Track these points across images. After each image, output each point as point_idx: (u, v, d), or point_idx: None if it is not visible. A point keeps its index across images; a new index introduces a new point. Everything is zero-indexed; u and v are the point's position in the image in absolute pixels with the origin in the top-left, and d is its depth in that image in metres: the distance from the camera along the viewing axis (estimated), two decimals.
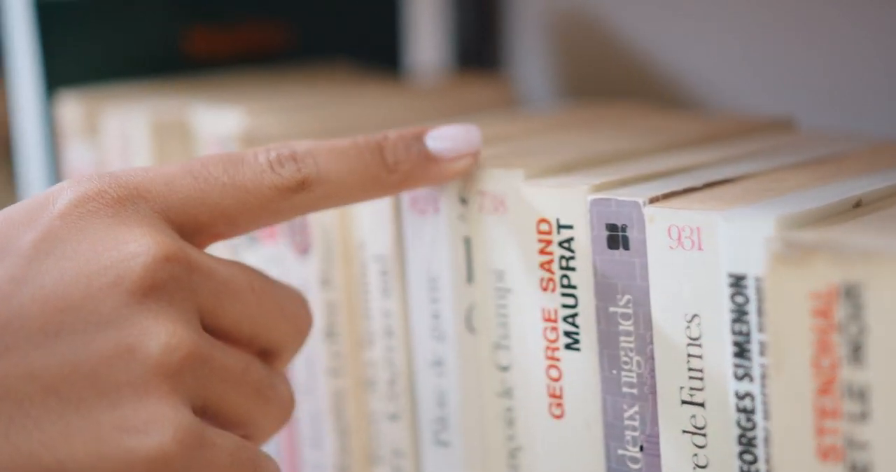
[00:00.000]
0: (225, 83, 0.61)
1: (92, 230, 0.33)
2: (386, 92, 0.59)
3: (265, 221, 0.37)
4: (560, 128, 0.48)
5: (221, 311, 0.35)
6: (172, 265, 0.33)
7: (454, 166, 0.39)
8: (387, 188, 0.38)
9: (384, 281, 0.44)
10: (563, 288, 0.39)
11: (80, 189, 0.34)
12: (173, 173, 0.36)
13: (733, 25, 0.61)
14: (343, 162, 0.38)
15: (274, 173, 0.37)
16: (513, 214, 0.40)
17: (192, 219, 0.36)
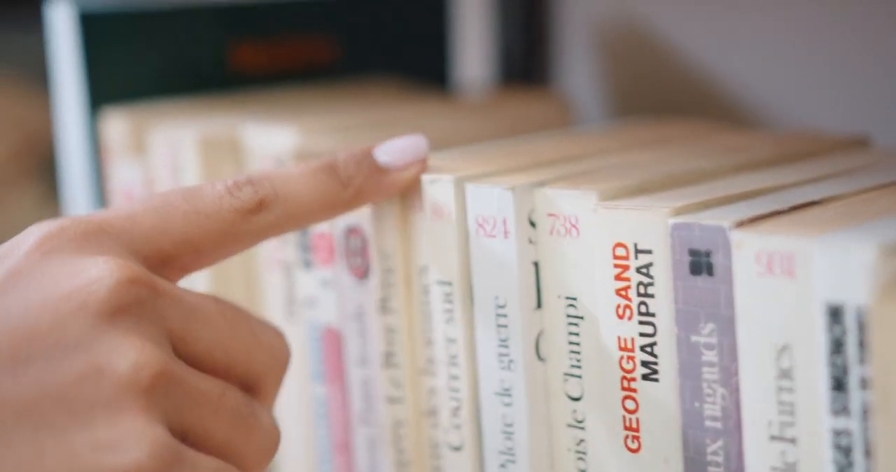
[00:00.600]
0: (273, 99, 0.59)
1: (56, 263, 0.34)
2: (437, 109, 0.57)
3: (230, 248, 0.38)
4: (628, 146, 0.46)
5: (192, 337, 0.35)
6: (137, 288, 0.34)
7: (404, 176, 0.41)
8: (343, 204, 0.40)
9: (449, 307, 0.42)
10: (641, 316, 0.37)
11: (43, 229, 0.35)
12: (135, 209, 0.37)
13: (796, 37, 0.59)
14: (298, 182, 0.39)
15: (232, 197, 0.38)
16: (586, 238, 0.38)
17: (156, 250, 0.37)
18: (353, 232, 0.45)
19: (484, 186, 0.40)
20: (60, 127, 0.58)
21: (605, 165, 0.43)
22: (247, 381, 0.37)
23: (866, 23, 0.57)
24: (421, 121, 0.54)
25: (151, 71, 0.59)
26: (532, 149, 0.46)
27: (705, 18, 0.63)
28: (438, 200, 0.41)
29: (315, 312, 0.47)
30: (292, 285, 0.48)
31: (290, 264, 0.48)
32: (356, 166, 0.41)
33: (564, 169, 0.42)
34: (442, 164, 0.43)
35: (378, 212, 0.43)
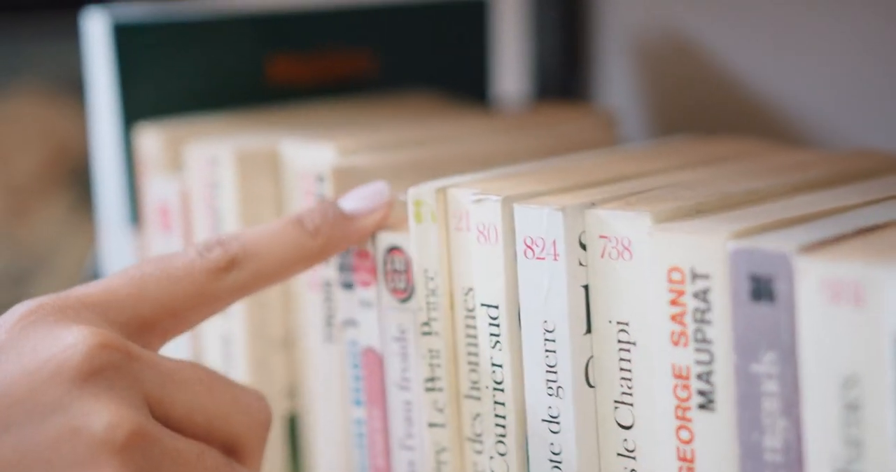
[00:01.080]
0: (311, 113, 0.58)
1: (33, 336, 0.36)
2: (477, 124, 0.56)
3: (206, 308, 0.40)
4: (678, 166, 0.45)
5: (169, 400, 0.37)
6: (110, 352, 0.36)
7: (369, 221, 0.43)
8: (313, 255, 0.42)
9: (495, 330, 0.41)
10: (697, 343, 0.36)
11: (24, 307, 0.37)
12: (111, 281, 0.39)
13: (847, 50, 0.57)
14: (266, 238, 0.41)
15: (202, 258, 0.40)
16: (640, 261, 0.37)
17: (134, 317, 0.38)
18: (395, 252, 0.44)
19: (532, 206, 0.39)
20: (95, 140, 0.58)
21: (656, 185, 0.41)
22: (227, 443, 0.38)
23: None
24: (461, 137, 0.52)
25: (187, 83, 0.58)
26: (579, 167, 0.45)
27: (750, 30, 0.61)
28: (485, 221, 0.40)
29: (355, 333, 0.46)
30: (332, 306, 0.47)
31: (330, 284, 0.47)
32: (322, 217, 0.42)
33: (615, 189, 0.41)
34: (488, 183, 0.42)
35: (421, 231, 0.42)
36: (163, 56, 0.57)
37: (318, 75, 0.62)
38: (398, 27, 0.64)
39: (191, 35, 0.58)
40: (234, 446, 0.38)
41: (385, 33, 0.64)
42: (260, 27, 0.60)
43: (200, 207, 0.51)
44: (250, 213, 0.50)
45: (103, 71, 0.56)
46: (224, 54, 0.59)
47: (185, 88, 0.58)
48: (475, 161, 0.50)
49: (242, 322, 0.51)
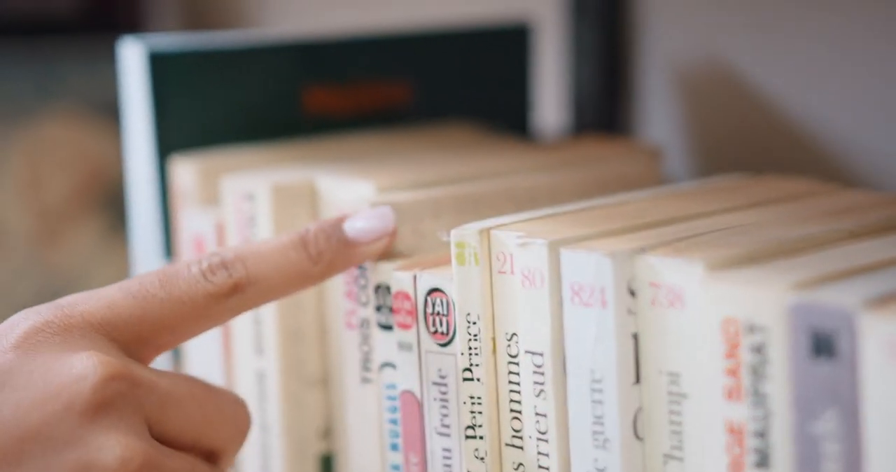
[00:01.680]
0: (349, 145, 0.57)
1: (42, 360, 0.37)
2: (517, 159, 0.54)
3: (205, 327, 0.41)
4: (729, 208, 0.43)
5: (166, 420, 0.39)
6: (118, 383, 0.37)
7: (372, 249, 0.43)
8: (313, 278, 0.42)
9: (539, 378, 0.39)
10: (753, 398, 0.34)
11: (29, 322, 0.38)
12: (114, 296, 0.40)
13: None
14: (270, 261, 0.41)
15: (207, 282, 0.40)
16: (692, 311, 0.36)
17: (135, 336, 0.40)
18: (437, 293, 0.43)
19: (580, 251, 0.38)
20: (130, 170, 0.57)
21: (707, 228, 0.40)
22: (211, 451, 0.40)
23: None
24: (502, 173, 0.51)
25: (223, 113, 0.57)
26: (626, 208, 0.44)
27: (799, 60, 0.60)
28: (530, 265, 0.39)
29: (393, 375, 0.44)
30: (369, 347, 0.46)
31: (368, 324, 0.45)
32: (326, 241, 0.42)
33: (664, 233, 0.39)
34: (532, 224, 0.41)
35: (464, 274, 0.41)
36: (198, 86, 0.56)
37: (355, 106, 0.61)
38: (436, 56, 0.63)
39: (227, 65, 0.57)
40: (215, 453, 0.40)
41: (423, 62, 0.63)
42: (296, 57, 0.59)
43: (235, 242, 0.50)
44: None
45: (138, 100, 0.55)
46: (261, 84, 0.58)
47: (220, 118, 0.57)
48: (517, 198, 0.49)
49: (277, 360, 0.50)
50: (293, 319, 0.49)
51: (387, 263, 0.44)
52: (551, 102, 0.72)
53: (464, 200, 0.48)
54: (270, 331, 0.49)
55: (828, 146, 0.59)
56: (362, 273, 0.46)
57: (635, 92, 0.69)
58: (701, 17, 0.65)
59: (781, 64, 0.61)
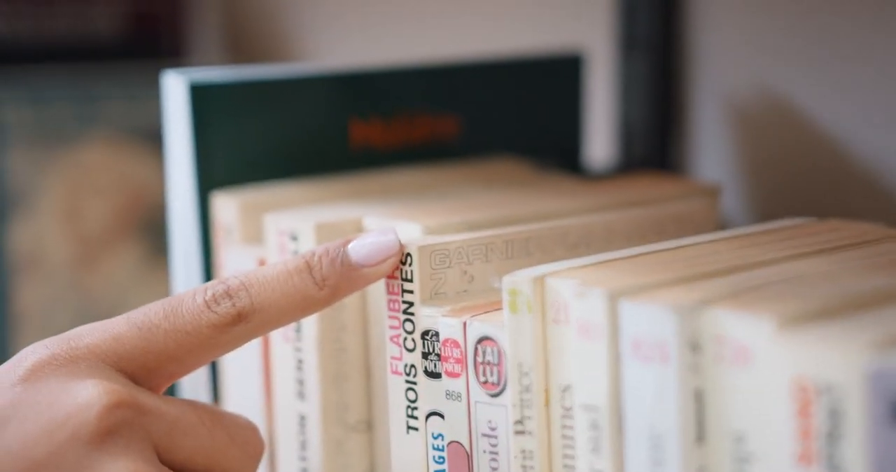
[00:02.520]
0: (394, 181, 0.56)
1: (47, 390, 0.38)
2: (571, 197, 0.52)
3: (211, 356, 0.41)
4: (796, 255, 0.41)
5: (175, 447, 0.39)
6: (123, 411, 0.37)
7: (377, 272, 0.42)
8: (319, 304, 0.42)
9: (595, 435, 0.37)
10: (827, 464, 0.32)
11: (36, 356, 0.39)
12: (119, 328, 0.40)
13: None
14: (275, 288, 0.41)
15: (211, 312, 0.40)
16: (761, 369, 0.34)
17: (141, 366, 0.40)
18: (487, 342, 0.41)
19: (642, 303, 0.36)
20: (171, 203, 0.55)
21: (774, 278, 0.38)
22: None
23: None
24: (554, 213, 0.49)
25: (267, 146, 0.56)
26: (686, 254, 0.42)
27: (862, 96, 0.58)
28: (587, 316, 0.37)
29: (440, 425, 0.43)
30: (416, 394, 0.44)
31: (414, 370, 0.44)
32: (330, 266, 0.42)
33: (729, 284, 0.38)
34: (589, 272, 0.39)
35: (516, 323, 0.39)
36: (242, 118, 0.55)
37: (402, 139, 0.59)
38: (485, 88, 0.62)
39: (271, 97, 0.56)
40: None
41: (471, 95, 0.61)
42: (343, 89, 0.57)
43: None
44: None
45: (180, 132, 0.54)
46: (306, 117, 0.57)
47: (264, 152, 0.56)
48: (570, 240, 0.47)
49: (319, 403, 0.48)
50: (336, 362, 0.48)
51: (435, 307, 0.43)
52: (600, 136, 0.70)
53: (514, 242, 0.46)
54: (312, 374, 0.48)
55: (893, 183, 0.57)
56: (409, 318, 0.44)
57: (687, 126, 0.67)
58: (757, 48, 0.63)
59: (843, 97, 0.59)
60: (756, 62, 0.63)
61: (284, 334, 0.49)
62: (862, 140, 0.58)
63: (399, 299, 0.44)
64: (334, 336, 0.48)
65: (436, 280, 0.44)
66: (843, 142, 0.59)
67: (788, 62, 0.61)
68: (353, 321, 0.48)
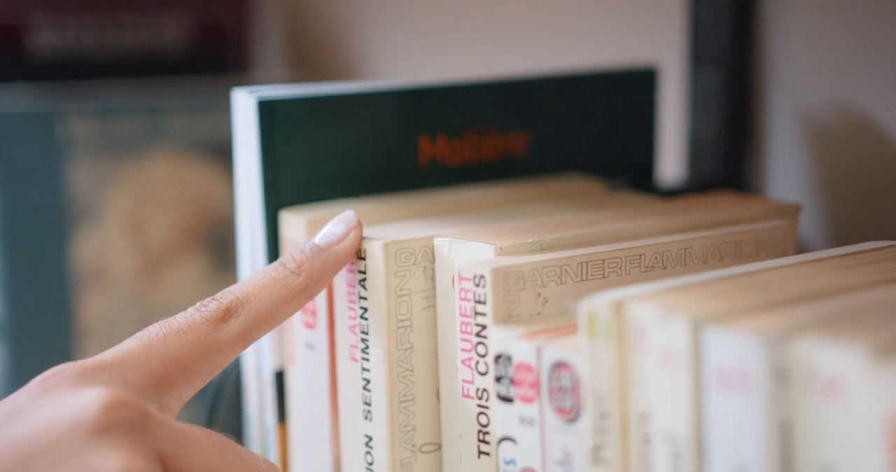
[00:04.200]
0: (463, 199, 0.55)
1: (52, 398, 0.39)
2: (646, 217, 0.51)
3: (213, 358, 0.43)
4: (883, 281, 0.40)
5: (182, 460, 0.39)
6: (126, 410, 0.38)
7: (343, 247, 0.46)
8: (301, 290, 0.45)
9: (675, 465, 0.36)
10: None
11: (44, 374, 0.40)
12: (122, 345, 0.42)
13: None
14: (255, 283, 0.45)
15: (201, 311, 0.43)
16: (852, 402, 0.33)
17: (147, 373, 0.41)
18: (562, 367, 0.40)
19: (727, 331, 0.35)
20: (239, 220, 0.55)
21: (863, 306, 0.37)
22: None
23: None
24: (628, 233, 0.48)
25: (335, 163, 0.55)
26: (769, 278, 0.41)
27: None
28: (669, 343, 0.36)
29: (513, 451, 0.42)
30: (488, 419, 0.43)
31: (486, 394, 0.43)
32: (300, 253, 0.46)
33: (817, 310, 0.36)
34: (669, 296, 0.38)
35: (594, 348, 0.38)
36: (310, 135, 0.54)
37: (471, 156, 0.58)
38: (555, 104, 0.60)
39: (340, 113, 0.55)
40: None
41: (541, 111, 0.60)
42: (412, 105, 0.57)
43: (343, 302, 0.48)
44: (398, 308, 0.47)
45: (248, 149, 0.54)
46: (375, 134, 0.56)
47: (332, 169, 0.55)
48: (646, 262, 0.46)
49: (385, 424, 0.47)
50: (403, 384, 0.47)
51: (508, 330, 0.42)
52: (671, 152, 0.69)
53: (589, 264, 0.45)
54: (379, 396, 0.47)
55: None
56: (481, 341, 0.43)
57: (760, 143, 0.66)
58: (833, 62, 0.61)
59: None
60: (832, 76, 0.62)
61: (351, 354, 0.48)
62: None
63: (472, 321, 0.44)
64: (402, 356, 0.47)
65: (509, 302, 0.43)
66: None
67: (866, 76, 0.60)
68: (421, 342, 0.47)
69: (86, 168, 0.89)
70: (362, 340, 0.48)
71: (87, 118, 0.90)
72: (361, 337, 0.48)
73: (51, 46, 0.95)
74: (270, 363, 0.53)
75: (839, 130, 0.62)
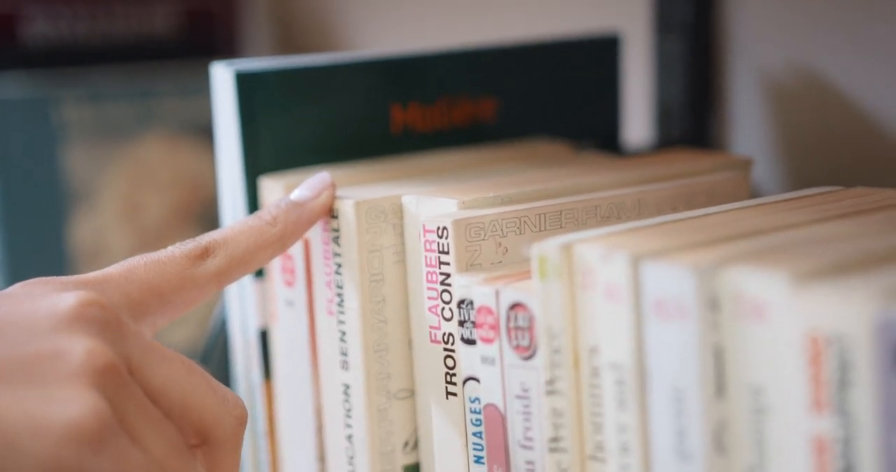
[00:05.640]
0: (433, 162, 0.58)
1: (31, 297, 0.40)
2: (604, 173, 0.54)
3: (188, 292, 0.45)
4: (817, 220, 0.43)
5: (148, 369, 0.40)
6: (101, 310, 0.40)
7: (318, 202, 0.49)
8: (275, 239, 0.48)
9: (620, 391, 0.39)
10: (838, 412, 0.34)
11: (26, 281, 0.42)
12: (105, 269, 0.44)
13: None
14: (233, 228, 0.48)
15: (181, 248, 0.46)
16: (776, 324, 0.35)
17: (125, 296, 0.43)
18: (519, 308, 0.43)
19: (662, 264, 0.37)
20: (221, 190, 0.58)
21: (793, 240, 0.40)
22: (200, 429, 0.41)
23: None
24: (586, 188, 0.51)
25: (311, 131, 0.58)
26: (710, 221, 0.43)
27: (893, 69, 0.59)
28: (612, 279, 0.39)
29: (477, 389, 0.45)
30: (454, 361, 0.46)
31: (452, 338, 0.46)
32: (277, 207, 0.49)
33: (747, 245, 0.39)
34: (615, 239, 0.41)
35: (545, 288, 0.41)
36: (286, 105, 0.57)
37: (442, 123, 0.61)
38: (523, 71, 0.63)
39: (314, 83, 0.58)
40: (206, 434, 0.41)
41: (509, 78, 0.63)
42: (383, 74, 0.59)
43: (319, 259, 0.51)
44: (371, 263, 0.50)
45: (228, 120, 0.57)
46: (348, 103, 0.59)
47: (309, 137, 0.58)
48: (602, 213, 0.49)
49: (362, 373, 0.50)
50: (377, 334, 0.50)
51: (469, 277, 0.45)
52: (638, 117, 0.72)
53: (547, 216, 0.48)
54: (355, 346, 0.50)
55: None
56: (446, 288, 0.46)
57: (723, 104, 0.68)
58: (790, 26, 0.64)
59: (875, 71, 0.60)
60: (789, 39, 0.64)
61: (328, 308, 0.51)
62: (893, 112, 0.59)
63: (437, 270, 0.46)
64: (375, 308, 0.50)
65: (471, 252, 0.46)
66: (876, 115, 0.60)
67: (821, 39, 0.62)
68: (393, 294, 0.50)
69: (81, 152, 0.92)
70: (338, 294, 0.50)
71: (80, 104, 0.93)
72: (337, 292, 0.50)
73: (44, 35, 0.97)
74: (255, 323, 0.56)
75: (796, 90, 0.64)
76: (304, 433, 0.53)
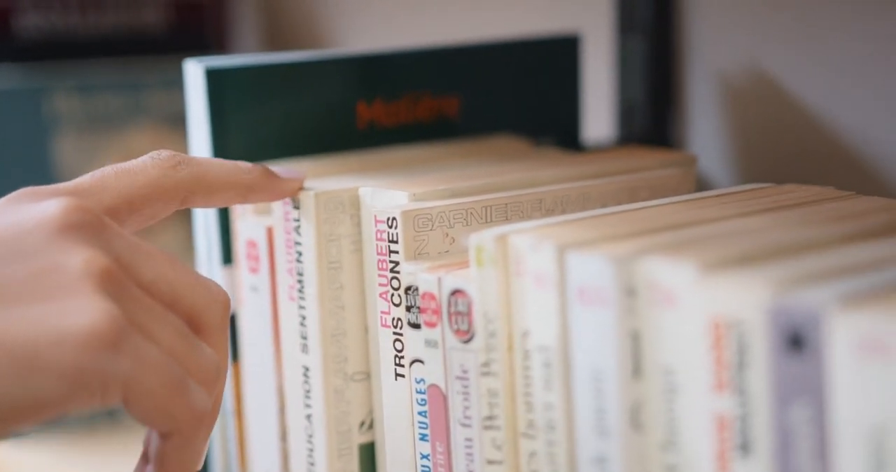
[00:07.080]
0: (395, 157, 0.60)
1: (14, 207, 0.41)
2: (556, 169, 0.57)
3: (157, 203, 0.47)
4: (741, 214, 0.46)
5: (137, 267, 0.41)
6: (85, 214, 0.41)
7: (288, 184, 0.52)
8: (245, 184, 0.50)
9: (547, 373, 0.42)
10: (737, 390, 0.37)
11: (11, 193, 0.43)
12: (80, 178, 0.46)
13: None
14: (210, 159, 0.50)
15: (154, 157, 0.48)
16: (685, 310, 0.38)
17: (98, 202, 0.45)
18: (459, 294, 0.46)
19: (584, 254, 0.40)
20: None
21: (710, 233, 0.42)
22: (190, 316, 0.43)
23: None
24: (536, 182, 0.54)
25: (279, 127, 0.60)
26: (642, 214, 0.46)
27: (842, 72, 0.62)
28: (540, 267, 0.42)
29: (422, 371, 0.48)
30: (402, 344, 0.49)
31: (401, 323, 0.49)
32: (254, 166, 0.51)
33: (668, 238, 0.42)
34: (547, 230, 0.44)
35: (482, 276, 0.44)
36: (255, 100, 0.60)
37: (407, 119, 0.64)
38: (486, 70, 0.66)
39: (283, 80, 0.61)
40: (196, 320, 0.43)
41: (473, 76, 0.65)
42: (350, 72, 0.62)
43: (282, 247, 0.54)
44: (329, 252, 0.52)
45: (198, 115, 0.59)
46: (316, 99, 0.61)
47: (277, 132, 0.60)
48: (546, 206, 0.52)
49: (320, 356, 0.53)
50: (335, 319, 0.53)
51: (416, 265, 0.48)
52: (600, 115, 0.74)
53: (493, 208, 0.51)
54: (314, 330, 0.53)
55: (871, 156, 0.60)
56: (395, 276, 0.49)
57: (683, 104, 0.71)
58: (747, 29, 0.67)
59: (822, 74, 0.63)
60: (745, 43, 0.67)
61: (289, 293, 0.54)
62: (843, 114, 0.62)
63: (387, 258, 0.49)
64: (333, 295, 0.53)
65: (419, 242, 0.49)
66: (822, 115, 0.63)
67: (774, 42, 0.65)
68: (350, 282, 0.53)
69: (71, 142, 0.95)
70: (298, 281, 0.53)
71: (71, 95, 0.95)
72: (298, 278, 0.53)
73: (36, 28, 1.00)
74: None
75: (751, 91, 0.67)
76: (269, 413, 0.56)
